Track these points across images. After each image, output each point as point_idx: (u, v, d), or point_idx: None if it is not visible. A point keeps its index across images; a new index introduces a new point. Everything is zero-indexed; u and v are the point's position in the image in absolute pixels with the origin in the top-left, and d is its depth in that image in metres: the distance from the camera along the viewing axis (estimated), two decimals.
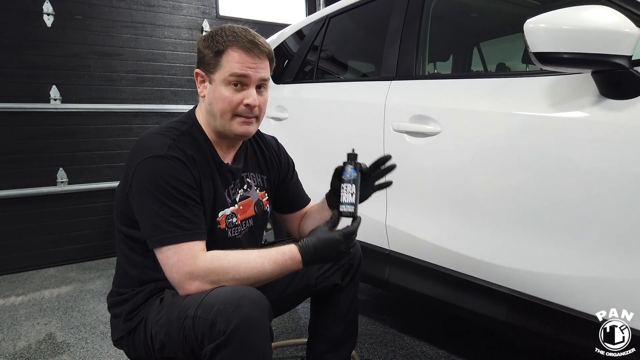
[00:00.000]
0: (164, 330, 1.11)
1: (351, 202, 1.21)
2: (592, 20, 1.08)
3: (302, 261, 1.16)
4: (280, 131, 2.30)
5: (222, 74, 1.17)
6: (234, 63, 1.16)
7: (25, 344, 2.12)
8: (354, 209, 1.21)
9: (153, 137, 1.18)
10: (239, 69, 1.16)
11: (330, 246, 1.17)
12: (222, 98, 1.18)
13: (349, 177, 1.23)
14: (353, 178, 1.23)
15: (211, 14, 3.89)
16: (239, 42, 1.16)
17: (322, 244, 1.17)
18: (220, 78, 1.18)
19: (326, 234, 1.18)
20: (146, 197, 1.11)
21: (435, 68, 2.34)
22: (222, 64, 1.17)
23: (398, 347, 2.02)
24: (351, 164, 1.24)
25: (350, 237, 1.19)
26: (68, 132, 3.30)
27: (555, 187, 1.29)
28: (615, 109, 1.17)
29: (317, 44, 2.45)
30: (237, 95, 1.18)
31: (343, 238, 1.18)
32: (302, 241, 1.18)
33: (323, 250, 1.17)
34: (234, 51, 1.16)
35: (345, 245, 1.18)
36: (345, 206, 1.22)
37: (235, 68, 1.16)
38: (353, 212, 1.21)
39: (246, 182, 1.35)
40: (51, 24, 3.19)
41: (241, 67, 1.16)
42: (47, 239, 3.28)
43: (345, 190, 1.22)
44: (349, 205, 1.21)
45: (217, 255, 1.11)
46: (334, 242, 1.17)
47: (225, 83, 1.17)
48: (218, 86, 1.18)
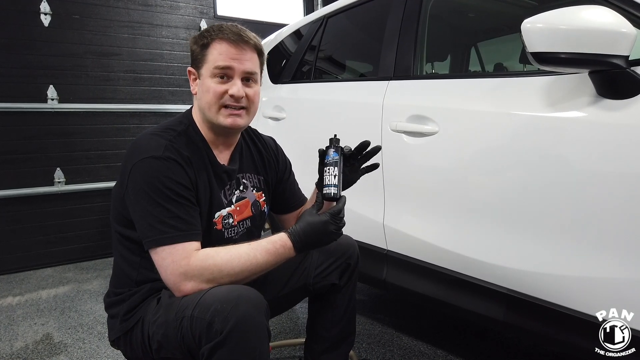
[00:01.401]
0: (161, 330, 1.11)
1: (334, 183, 1.22)
2: (590, 20, 1.08)
3: (294, 247, 1.16)
4: (278, 131, 2.30)
5: (207, 68, 1.19)
6: (218, 55, 1.18)
7: (22, 345, 2.12)
8: (336, 189, 1.21)
9: (149, 137, 1.18)
10: (222, 61, 1.18)
11: (318, 228, 1.17)
12: (207, 90, 1.19)
13: (331, 160, 1.24)
14: (335, 161, 1.23)
15: (209, 14, 3.88)
16: (224, 34, 1.18)
17: (310, 228, 1.17)
18: (207, 72, 1.19)
19: (314, 217, 1.19)
20: (142, 198, 1.11)
21: (432, 68, 2.34)
22: (207, 57, 1.19)
23: (396, 346, 2.02)
24: (332, 147, 1.25)
25: (337, 216, 1.19)
26: (65, 132, 3.29)
27: (553, 187, 1.29)
28: (612, 108, 1.17)
29: (314, 44, 2.45)
30: (221, 86, 1.19)
31: (331, 218, 1.18)
32: (291, 228, 1.19)
33: (312, 233, 1.17)
34: (218, 43, 1.18)
35: (334, 226, 1.18)
36: (328, 187, 1.22)
37: (219, 60, 1.18)
38: (336, 193, 1.21)
39: (242, 183, 1.35)
40: (48, 23, 3.19)
41: (225, 58, 1.18)
42: (44, 239, 3.27)
43: (327, 172, 1.23)
44: (332, 187, 1.21)
45: (208, 253, 1.10)
46: (322, 223, 1.17)
47: (211, 76, 1.19)
48: (205, 80, 1.20)
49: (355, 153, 1.30)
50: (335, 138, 1.28)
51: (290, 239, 1.16)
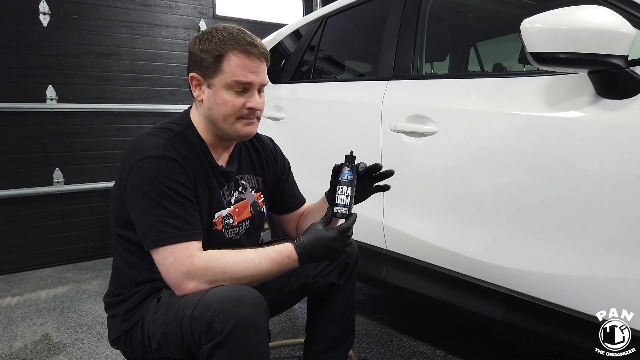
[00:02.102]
0: (161, 330, 1.10)
1: (345, 204, 1.22)
2: (589, 20, 1.08)
3: (299, 259, 1.16)
4: (277, 131, 2.30)
5: (223, 79, 1.16)
6: (237, 68, 1.15)
7: (21, 345, 2.11)
8: (347, 210, 1.22)
9: (147, 137, 1.17)
10: (243, 77, 1.16)
11: (325, 244, 1.17)
12: (224, 103, 1.17)
13: (345, 179, 1.23)
14: (349, 180, 1.23)
15: (208, 14, 3.88)
16: (239, 45, 1.15)
17: (317, 242, 1.17)
18: (222, 83, 1.17)
19: (321, 232, 1.18)
20: (141, 198, 1.10)
21: (432, 68, 2.34)
22: (222, 68, 1.16)
23: (395, 346, 2.02)
24: (348, 166, 1.24)
25: (345, 234, 1.19)
26: (64, 132, 3.29)
27: (552, 187, 1.29)
28: (611, 108, 1.17)
29: (314, 44, 2.45)
30: (240, 99, 1.18)
31: (338, 235, 1.18)
32: (298, 239, 1.18)
33: (318, 248, 1.17)
34: (234, 55, 1.15)
35: (340, 243, 1.18)
36: (340, 208, 1.22)
37: (239, 75, 1.15)
38: (346, 214, 1.22)
39: (241, 184, 1.34)
40: (47, 23, 3.18)
41: (244, 73, 1.16)
42: (43, 239, 3.27)
43: (340, 192, 1.23)
44: (343, 207, 1.22)
45: (214, 254, 1.10)
46: (329, 239, 1.17)
47: (226, 88, 1.17)
48: (219, 91, 1.17)
49: (368, 172, 1.29)
50: (351, 155, 1.26)
51: (297, 251, 1.16)
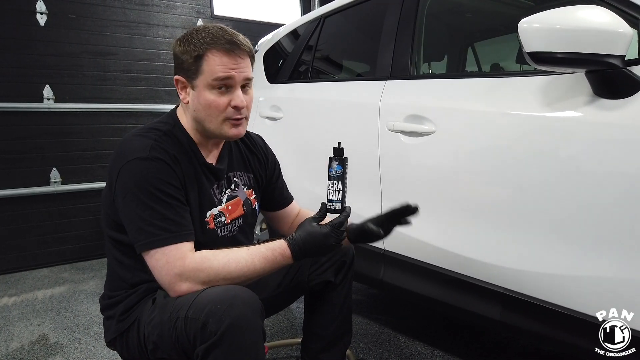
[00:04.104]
0: (156, 331, 1.10)
1: (337, 199, 1.21)
2: (586, 20, 1.08)
3: (292, 256, 1.15)
4: (274, 131, 2.30)
5: (204, 79, 1.14)
6: (216, 66, 1.13)
7: (18, 345, 2.11)
8: (340, 205, 1.21)
9: (134, 139, 1.16)
10: (222, 72, 1.13)
11: (318, 239, 1.17)
12: (207, 103, 1.16)
13: (335, 174, 1.22)
14: (338, 174, 1.22)
15: (206, 14, 3.88)
16: (218, 43, 1.13)
17: (310, 238, 1.16)
18: (203, 83, 1.15)
19: (314, 228, 1.18)
20: (131, 201, 1.10)
21: (429, 68, 2.34)
22: (202, 68, 1.14)
23: (393, 346, 2.02)
24: (336, 159, 1.23)
25: (338, 230, 1.18)
26: (61, 131, 3.28)
27: (551, 187, 1.29)
28: (609, 108, 1.17)
29: (311, 44, 2.44)
30: (223, 99, 1.16)
31: (331, 231, 1.17)
32: (291, 236, 1.18)
33: (312, 243, 1.16)
34: (213, 54, 1.13)
35: (334, 239, 1.18)
36: (332, 203, 1.22)
37: (218, 72, 1.13)
38: (340, 209, 1.21)
39: (233, 181, 1.34)
40: (44, 23, 3.17)
41: (224, 69, 1.13)
42: (40, 239, 3.26)
43: (331, 187, 1.21)
44: (335, 203, 1.21)
45: (205, 255, 1.10)
46: (323, 235, 1.17)
47: (209, 88, 1.15)
48: (202, 92, 1.16)
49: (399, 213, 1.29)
50: (338, 147, 1.24)
51: (290, 248, 1.15)
